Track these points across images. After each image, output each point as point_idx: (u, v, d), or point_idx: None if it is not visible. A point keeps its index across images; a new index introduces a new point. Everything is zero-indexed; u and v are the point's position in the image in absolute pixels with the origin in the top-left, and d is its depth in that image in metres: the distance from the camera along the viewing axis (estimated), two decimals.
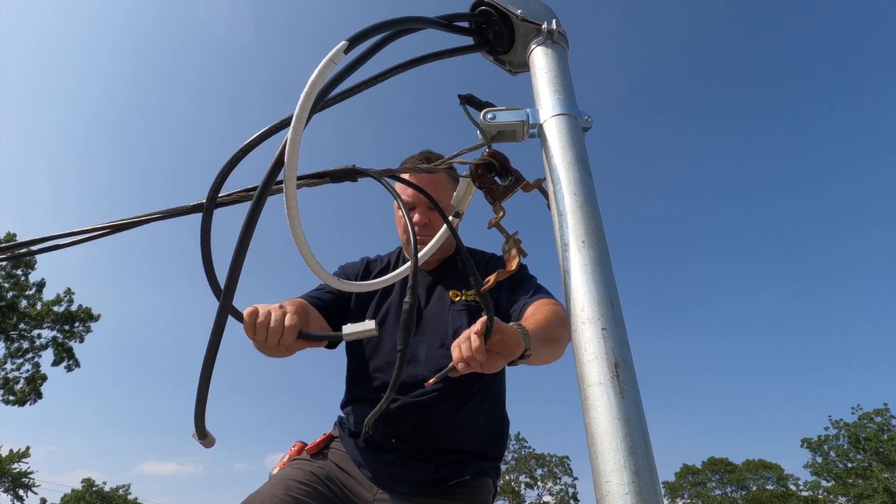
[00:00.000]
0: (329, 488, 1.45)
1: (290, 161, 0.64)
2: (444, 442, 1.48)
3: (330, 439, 1.60)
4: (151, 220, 0.76)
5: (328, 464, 1.52)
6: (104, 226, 0.76)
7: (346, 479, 1.48)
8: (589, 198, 0.69)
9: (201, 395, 0.67)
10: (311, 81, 0.64)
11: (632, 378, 0.57)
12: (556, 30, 0.84)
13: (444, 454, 1.47)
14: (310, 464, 1.50)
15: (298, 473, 1.45)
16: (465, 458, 1.49)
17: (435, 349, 1.51)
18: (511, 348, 1.04)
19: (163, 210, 0.76)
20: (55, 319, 19.89)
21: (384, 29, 0.70)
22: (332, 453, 1.55)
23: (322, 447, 1.57)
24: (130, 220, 0.76)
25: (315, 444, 1.58)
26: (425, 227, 1.58)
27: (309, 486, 1.41)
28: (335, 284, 0.90)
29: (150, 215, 0.77)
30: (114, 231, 0.76)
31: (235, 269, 0.64)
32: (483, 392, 1.55)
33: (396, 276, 1.02)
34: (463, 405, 1.49)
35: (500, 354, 1.03)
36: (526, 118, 0.78)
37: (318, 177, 0.81)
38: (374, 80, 0.77)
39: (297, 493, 1.36)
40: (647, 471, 0.52)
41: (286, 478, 1.42)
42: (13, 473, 23.37)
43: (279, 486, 1.37)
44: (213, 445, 0.80)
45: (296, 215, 0.70)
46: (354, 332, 0.83)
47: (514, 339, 1.04)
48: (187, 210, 0.76)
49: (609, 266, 0.65)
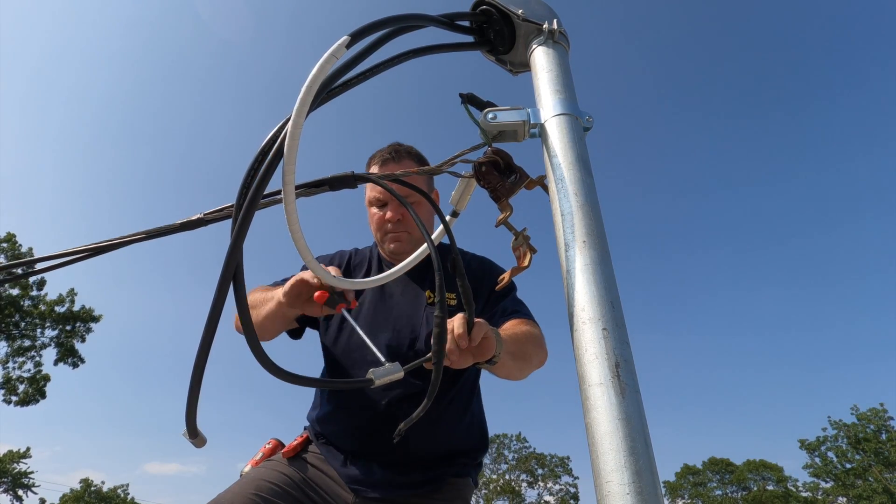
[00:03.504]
0: (304, 492, 1.42)
1: (290, 153, 0.64)
2: (423, 449, 1.47)
3: (307, 441, 1.57)
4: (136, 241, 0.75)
5: (305, 467, 1.49)
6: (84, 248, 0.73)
7: (324, 483, 1.46)
8: (590, 198, 0.69)
9: (193, 393, 0.67)
10: (312, 75, 0.63)
11: (632, 378, 0.57)
12: (557, 30, 0.84)
13: (424, 460, 1.47)
14: (284, 466, 1.48)
15: (271, 475, 1.43)
16: (445, 460, 1.49)
17: (404, 349, 1.50)
18: (482, 349, 1.07)
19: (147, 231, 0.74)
20: (57, 319, 19.92)
21: (386, 25, 0.70)
22: (311, 457, 1.52)
23: (299, 450, 1.54)
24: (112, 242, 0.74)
25: (292, 446, 1.54)
26: (399, 224, 1.57)
27: (280, 489, 1.39)
28: (332, 282, 0.91)
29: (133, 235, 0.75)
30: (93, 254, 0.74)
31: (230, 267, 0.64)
32: (459, 397, 1.54)
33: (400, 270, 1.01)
34: (439, 414, 1.48)
35: (471, 353, 1.07)
36: (527, 118, 0.78)
37: (316, 185, 0.81)
38: (374, 71, 0.77)
39: (267, 494, 1.35)
40: (647, 471, 0.52)
41: (258, 478, 1.40)
42: (13, 473, 23.39)
43: (249, 486, 1.36)
44: (204, 445, 0.80)
45: (294, 217, 0.70)
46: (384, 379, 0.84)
47: (488, 342, 1.08)
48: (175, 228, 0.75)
49: (610, 266, 0.65)
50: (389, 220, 1.58)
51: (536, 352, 1.41)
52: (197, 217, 0.76)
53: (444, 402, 1.50)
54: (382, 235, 1.62)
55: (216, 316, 0.63)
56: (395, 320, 1.55)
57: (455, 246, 0.87)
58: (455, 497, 1.48)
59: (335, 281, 0.93)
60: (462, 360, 1.06)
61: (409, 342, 1.51)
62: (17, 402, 19.18)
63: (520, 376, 1.39)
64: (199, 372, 0.65)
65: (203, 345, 0.63)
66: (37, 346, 19.87)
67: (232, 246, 0.62)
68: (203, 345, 0.63)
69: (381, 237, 1.64)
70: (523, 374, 1.40)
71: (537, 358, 1.41)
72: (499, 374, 1.31)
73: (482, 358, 1.09)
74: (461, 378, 1.55)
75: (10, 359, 19.46)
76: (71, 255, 0.75)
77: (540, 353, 1.43)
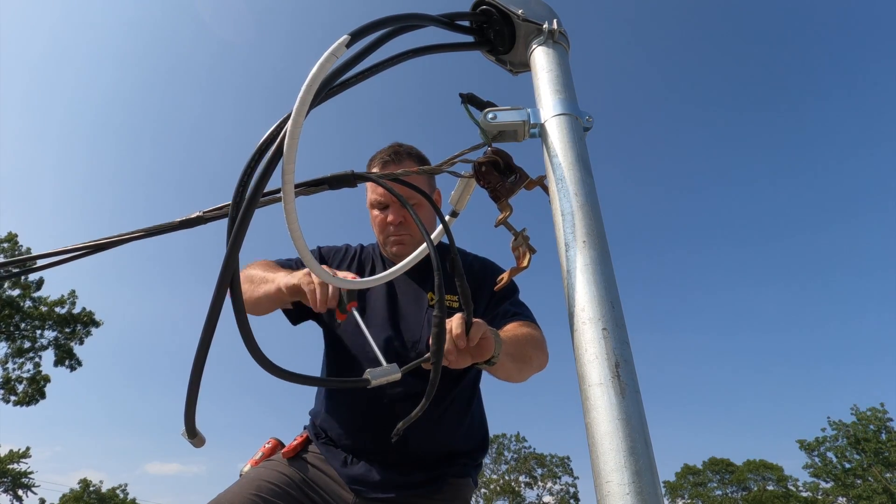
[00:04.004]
0: (304, 493, 1.42)
1: (290, 152, 0.64)
2: (423, 449, 1.47)
3: (307, 441, 1.57)
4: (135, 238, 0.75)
5: (305, 467, 1.49)
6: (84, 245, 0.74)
7: (325, 483, 1.46)
8: (590, 198, 0.69)
9: (192, 393, 0.67)
10: (312, 74, 0.64)
11: (632, 378, 0.57)
12: (558, 30, 0.84)
13: (424, 460, 1.47)
14: (284, 466, 1.48)
15: (271, 475, 1.42)
16: (445, 461, 1.49)
17: (407, 349, 1.50)
18: (481, 350, 1.08)
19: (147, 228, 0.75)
20: (57, 321, 19.92)
21: (386, 25, 0.70)
22: (311, 457, 1.52)
23: (299, 450, 1.53)
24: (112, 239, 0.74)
25: (291, 446, 1.53)
26: (401, 226, 1.57)
27: (280, 489, 1.39)
28: (331, 281, 0.91)
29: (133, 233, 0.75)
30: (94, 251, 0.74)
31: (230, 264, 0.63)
32: (460, 398, 1.55)
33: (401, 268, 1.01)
34: (440, 415, 1.48)
35: (469, 353, 1.07)
36: (527, 118, 0.78)
37: (316, 184, 0.81)
38: (374, 70, 0.77)
39: (267, 495, 1.35)
40: (647, 471, 0.52)
41: (257, 478, 1.40)
42: (13, 473, 23.40)
43: (249, 487, 1.35)
44: (202, 445, 0.80)
45: (293, 216, 0.70)
46: (381, 379, 0.83)
47: (486, 342, 1.08)
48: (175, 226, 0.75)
49: (610, 266, 0.65)
50: (391, 223, 1.57)
51: (537, 354, 1.41)
52: (196, 215, 0.77)
53: (445, 402, 1.50)
54: (385, 238, 1.62)
55: (215, 315, 0.63)
56: (398, 321, 1.55)
57: (454, 246, 0.86)
58: (455, 497, 1.48)
59: (334, 281, 0.93)
60: (460, 361, 1.07)
61: (411, 343, 1.51)
62: (16, 402, 19.19)
63: (519, 378, 1.39)
64: (197, 372, 0.65)
65: (202, 344, 0.63)
66: (36, 348, 19.87)
67: (231, 245, 0.62)
68: (202, 344, 0.63)
69: (383, 240, 1.64)
70: (523, 377, 1.40)
71: (538, 361, 1.41)
72: (498, 376, 1.32)
73: (480, 358, 1.10)
74: (462, 379, 1.55)
75: (10, 359, 19.47)
76: (71, 252, 0.75)
77: (540, 355, 1.43)
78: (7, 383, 19.16)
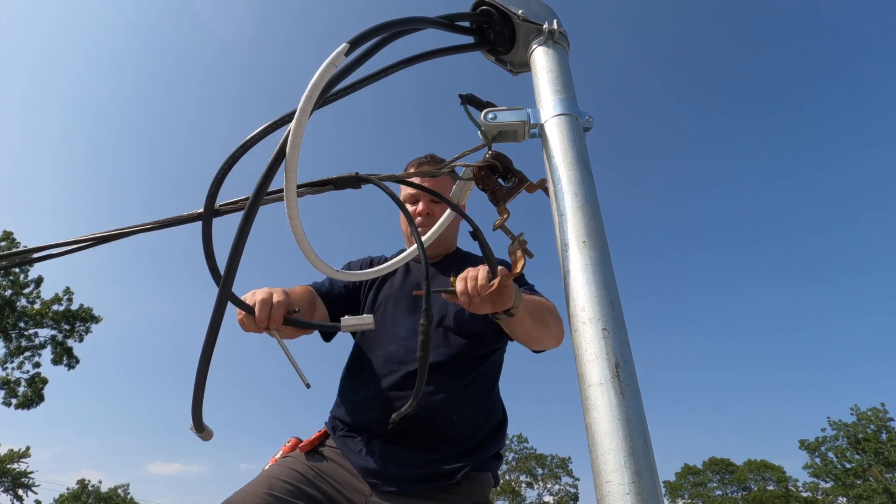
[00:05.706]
0: (318, 488, 1.42)
1: (291, 157, 0.64)
2: (444, 430, 1.46)
3: (325, 436, 1.57)
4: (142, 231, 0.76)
5: (322, 462, 1.49)
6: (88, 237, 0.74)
7: (340, 475, 1.46)
8: (589, 198, 0.69)
9: (198, 388, 0.68)
10: (312, 84, 0.64)
11: (632, 378, 0.57)
12: (558, 30, 0.84)
13: (444, 444, 1.46)
14: (300, 462, 1.48)
15: (285, 472, 1.42)
16: (465, 449, 1.48)
17: (433, 328, 1.52)
18: (502, 297, 1.09)
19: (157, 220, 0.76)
20: (54, 318, 19.89)
21: (385, 30, 0.70)
22: (328, 451, 1.52)
23: (317, 444, 1.54)
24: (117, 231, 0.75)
25: (309, 441, 1.54)
26: (428, 217, 1.64)
27: (293, 486, 1.38)
28: (334, 275, 0.91)
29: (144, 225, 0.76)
30: (97, 243, 0.75)
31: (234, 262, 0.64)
32: (480, 377, 1.56)
33: (398, 261, 1.03)
34: (462, 388, 1.50)
35: (490, 301, 1.08)
36: (527, 118, 0.78)
37: (321, 184, 0.82)
38: (374, 77, 0.78)
39: (280, 493, 1.34)
40: (647, 471, 0.52)
41: (271, 476, 1.40)
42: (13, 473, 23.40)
43: (262, 485, 1.35)
44: (210, 438, 0.81)
45: (294, 211, 0.70)
46: (353, 324, 0.84)
47: (508, 290, 1.09)
48: (184, 220, 0.76)
49: (609, 266, 0.65)
50: (419, 214, 1.65)
51: (554, 321, 1.42)
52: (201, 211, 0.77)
53: (470, 376, 1.52)
54: (410, 234, 1.69)
55: (220, 313, 0.64)
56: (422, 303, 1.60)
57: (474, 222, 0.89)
58: (474, 492, 1.46)
59: (336, 274, 0.94)
60: (482, 307, 1.08)
61: (436, 321, 1.56)
62: (16, 404, 19.16)
63: (537, 341, 1.41)
64: (204, 367, 0.66)
65: (207, 342, 0.64)
66: (34, 346, 19.84)
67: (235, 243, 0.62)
68: (207, 342, 0.64)
69: (409, 232, 1.71)
70: (541, 341, 1.41)
71: (556, 328, 1.43)
72: (517, 333, 1.34)
73: (501, 307, 1.10)
74: (488, 359, 1.58)
75: (9, 359, 19.44)
76: (73, 244, 0.75)
77: (558, 323, 1.44)
78: (7, 385, 19.14)
